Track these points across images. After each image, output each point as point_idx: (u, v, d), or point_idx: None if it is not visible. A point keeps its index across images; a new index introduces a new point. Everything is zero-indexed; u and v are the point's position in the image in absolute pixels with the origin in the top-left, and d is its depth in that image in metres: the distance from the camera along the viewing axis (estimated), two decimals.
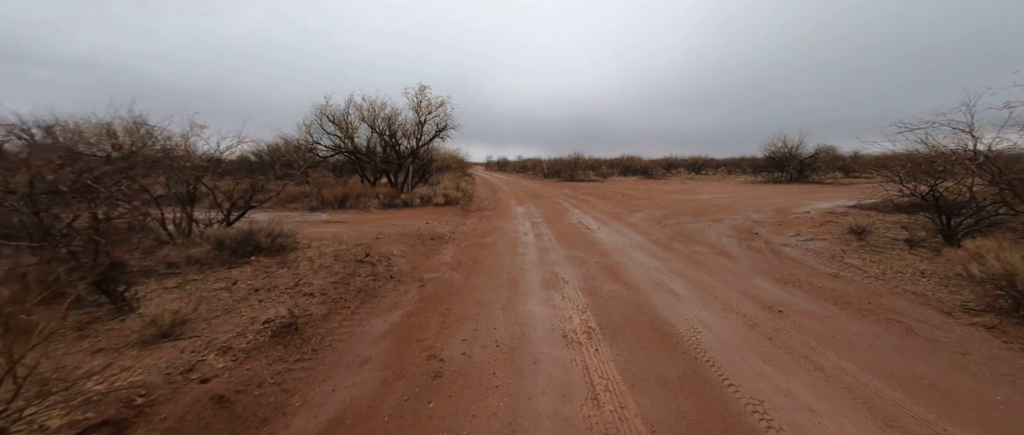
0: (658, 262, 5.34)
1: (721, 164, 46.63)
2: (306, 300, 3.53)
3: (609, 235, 7.34)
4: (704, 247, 6.21)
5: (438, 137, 14.11)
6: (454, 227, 8.40)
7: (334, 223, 8.73)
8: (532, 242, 6.84)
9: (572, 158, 34.01)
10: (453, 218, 9.68)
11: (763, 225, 8.02)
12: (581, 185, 23.24)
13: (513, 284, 4.50)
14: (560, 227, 8.33)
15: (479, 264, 5.41)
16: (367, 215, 10.02)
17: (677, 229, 7.86)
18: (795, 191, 16.67)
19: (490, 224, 8.89)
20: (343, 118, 12.90)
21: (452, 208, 11.39)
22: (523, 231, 7.93)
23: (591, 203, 13.02)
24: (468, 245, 6.66)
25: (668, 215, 9.78)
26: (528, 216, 10.10)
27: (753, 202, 12.30)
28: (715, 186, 20.97)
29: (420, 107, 13.31)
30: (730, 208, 10.86)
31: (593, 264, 5.28)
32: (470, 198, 15.33)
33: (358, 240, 6.46)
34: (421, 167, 15.58)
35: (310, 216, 9.99)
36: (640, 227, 8.18)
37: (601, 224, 8.63)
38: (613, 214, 10.22)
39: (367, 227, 8.05)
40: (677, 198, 14.14)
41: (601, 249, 6.18)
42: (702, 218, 9.13)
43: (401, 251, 5.81)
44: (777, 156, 22.51)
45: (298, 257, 4.98)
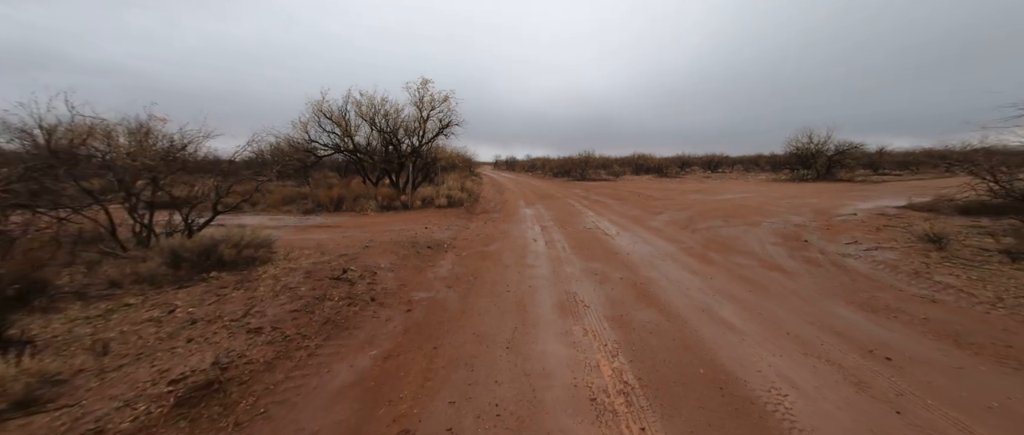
0: (698, 279, 4.39)
1: (737, 162, 44.97)
2: (248, 339, 2.70)
3: (631, 242, 6.40)
4: (749, 258, 5.23)
5: (442, 134, 13.31)
6: (455, 232, 7.55)
7: (325, 228, 7.97)
8: (543, 251, 5.94)
9: (582, 156, 32.98)
10: (455, 222, 8.84)
11: (809, 230, 6.98)
12: (593, 185, 22.22)
13: (520, 308, 3.62)
14: (574, 233, 7.41)
15: (480, 279, 4.54)
16: (363, 219, 9.24)
17: (709, 235, 6.87)
18: (827, 190, 15.41)
19: (496, 228, 8.02)
20: (342, 115, 12.19)
21: (455, 210, 10.55)
22: (532, 237, 7.04)
23: (606, 204, 12.05)
24: (469, 254, 5.80)
25: (694, 218, 8.78)
26: (537, 219, 9.21)
27: (786, 203, 11.18)
28: (736, 185, 19.75)
29: (422, 102, 12.52)
30: (762, 209, 9.79)
31: (618, 281, 4.36)
32: (475, 199, 14.49)
33: (344, 249, 5.65)
34: (425, 167, 14.81)
35: (303, 220, 9.27)
36: (666, 233, 7.21)
37: (620, 229, 7.68)
38: (632, 217, 9.25)
39: (359, 233, 7.26)
40: (699, 198, 13.07)
41: (625, 260, 5.25)
42: (734, 221, 8.11)
43: (390, 263, 4.98)
44: (803, 153, 21.13)
45: (264, 273, 4.18)
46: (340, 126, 12.00)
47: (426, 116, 12.84)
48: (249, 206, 12.02)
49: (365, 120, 12.04)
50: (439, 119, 12.91)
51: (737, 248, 5.83)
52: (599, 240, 6.66)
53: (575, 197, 14.59)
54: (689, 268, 4.82)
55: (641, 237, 6.83)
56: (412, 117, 12.81)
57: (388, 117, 12.21)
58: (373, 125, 12.19)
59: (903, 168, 30.22)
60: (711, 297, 3.80)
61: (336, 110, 12.07)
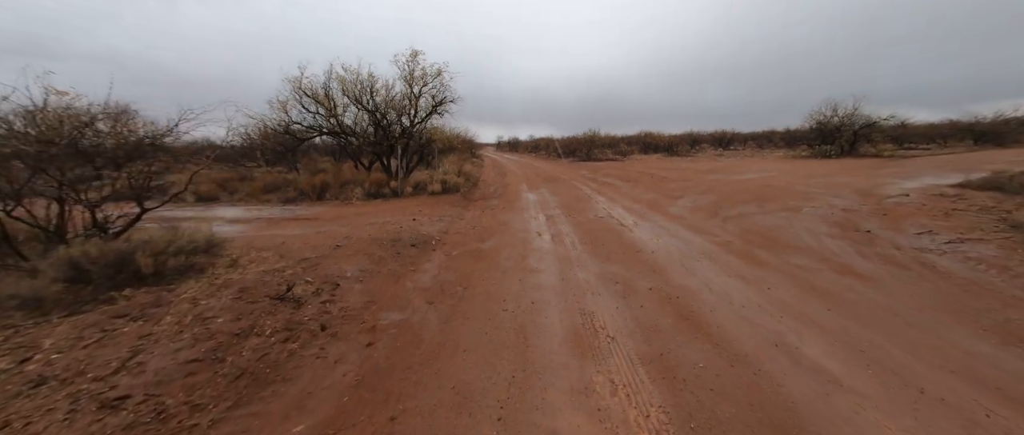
0: (752, 290, 3.38)
1: (749, 138, 43.23)
2: (95, 422, 1.75)
3: (654, 235, 5.37)
4: (807, 257, 4.19)
5: (436, 113, 12.12)
6: (447, 224, 6.55)
7: (300, 221, 7.00)
8: (548, 248, 4.94)
9: (587, 136, 31.52)
10: (449, 210, 7.83)
11: (862, 216, 5.89)
12: (600, 165, 21.00)
13: (520, 341, 2.65)
14: (584, 222, 6.38)
15: (471, 291, 3.57)
16: (345, 209, 8.26)
17: (746, 225, 5.81)
18: (856, 167, 14.14)
19: (494, 218, 7.01)
20: (325, 93, 11.01)
21: (450, 197, 9.52)
22: (536, 229, 6.03)
23: (617, 187, 10.95)
24: (461, 254, 4.81)
25: (720, 202, 7.69)
26: (542, 206, 8.17)
27: (818, 182, 10.02)
28: (754, 163, 18.45)
29: (412, 77, 11.29)
30: (795, 191, 8.67)
31: (646, 293, 3.37)
32: (474, 183, 13.42)
33: (311, 250, 4.69)
34: (419, 149, 13.69)
35: (279, 211, 8.31)
36: (692, 222, 6.16)
37: (637, 217, 6.64)
38: (648, 202, 8.18)
39: (336, 227, 6.29)
40: (719, 179, 11.91)
41: (650, 262, 4.24)
42: (769, 206, 7.02)
43: (360, 270, 4.01)
44: (825, 127, 19.64)
45: (185, 292, 3.22)
46: (323, 105, 10.86)
47: (417, 93, 11.64)
48: (227, 195, 11.10)
49: (349, 97, 10.88)
50: (432, 96, 11.71)
51: (786, 242, 4.78)
52: (614, 232, 5.64)
53: (582, 180, 13.48)
54: (735, 272, 3.80)
55: (664, 228, 5.79)
56: (402, 94, 11.62)
57: (375, 94, 11.03)
58: (358, 103, 11.02)
59: (928, 141, 28.56)
60: (780, 320, 2.80)
61: (318, 87, 10.91)
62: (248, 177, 13.53)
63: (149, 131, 5.70)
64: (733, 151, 31.83)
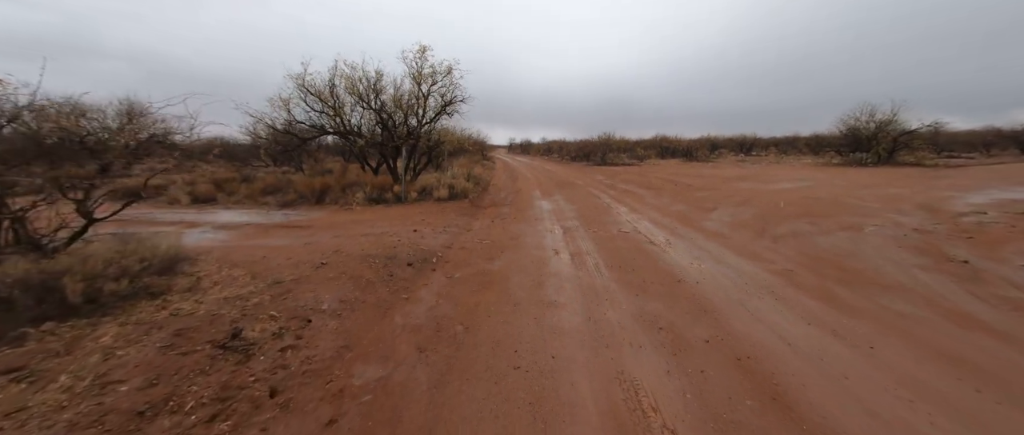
0: (848, 349, 2.52)
1: (770, 143, 41.62)
2: None
3: (693, 258, 4.52)
4: (904, 299, 3.29)
5: (445, 113, 11.45)
6: (452, 237, 5.82)
7: (291, 229, 6.37)
8: (568, 272, 4.15)
9: (602, 139, 30.56)
10: (455, 220, 7.10)
11: (943, 239, 4.93)
12: (616, 170, 20.07)
13: (536, 428, 1.88)
14: (607, 239, 5.57)
15: (474, 335, 2.81)
16: (343, 215, 7.61)
17: (803, 247, 4.90)
18: (902, 177, 12.93)
19: (504, 231, 6.25)
20: (330, 90, 10.45)
21: (457, 204, 8.80)
22: (552, 246, 5.24)
23: (638, 195, 10.08)
24: (465, 277, 4.06)
25: (762, 217, 6.77)
26: (557, 216, 7.38)
27: (867, 194, 8.97)
28: (783, 170, 17.28)
29: (420, 75, 10.64)
30: (844, 204, 7.68)
31: (703, 349, 2.55)
32: (484, 188, 12.71)
33: (289, 269, 4.00)
34: (428, 151, 13.05)
35: (273, 216, 7.71)
36: (736, 242, 5.28)
37: (669, 234, 5.78)
38: (677, 215, 7.31)
39: (328, 237, 5.62)
40: (751, 188, 10.92)
41: (697, 296, 3.41)
42: (822, 223, 6.08)
43: (340, 300, 3.29)
44: (863, 133, 18.28)
45: (107, 332, 2.53)
46: (326, 103, 10.29)
47: (426, 92, 10.99)
48: (226, 196, 10.62)
49: (352, 96, 10.28)
50: (441, 95, 11.04)
51: (867, 275, 3.88)
52: (644, 253, 4.81)
53: (599, 186, 12.62)
54: (816, 319, 2.95)
55: (704, 249, 4.93)
56: (410, 92, 10.98)
57: (380, 92, 10.41)
58: (363, 102, 10.42)
59: (970, 150, 26.72)
60: (912, 407, 1.96)
61: (321, 85, 10.35)
62: (250, 177, 13.10)
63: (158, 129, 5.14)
64: (755, 157, 30.42)
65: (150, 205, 8.95)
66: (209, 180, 12.06)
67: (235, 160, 20.32)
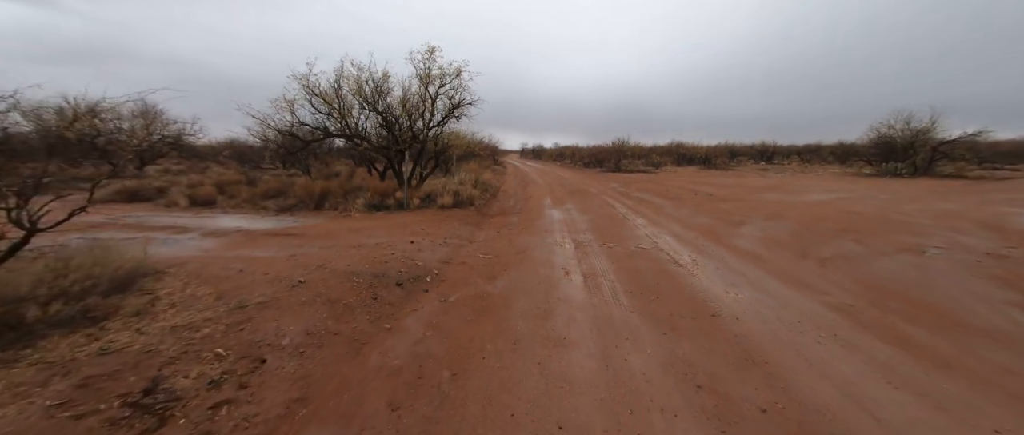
0: (960, 428, 1.87)
1: (793, 152, 40.16)
2: None
3: (727, 283, 3.87)
4: (1007, 348, 2.59)
5: (453, 116, 11.01)
6: (452, 250, 5.28)
7: (282, 237, 5.94)
8: (581, 298, 3.55)
9: (616, 145, 29.81)
10: (458, 230, 6.57)
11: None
12: (631, 177, 19.34)
13: None
14: (624, 256, 4.94)
15: (462, 386, 2.25)
16: (340, 223, 7.17)
17: (858, 274, 4.19)
18: (946, 189, 11.89)
19: (510, 244, 5.69)
20: (335, 92, 10.12)
21: (462, 213, 8.29)
22: (562, 263, 4.65)
23: (656, 205, 9.39)
24: (460, 301, 3.51)
25: (799, 234, 6.04)
26: (569, 228, 6.78)
27: (913, 209, 8.10)
28: (811, 180, 16.28)
29: (428, 76, 10.23)
30: (890, 220, 6.86)
31: (758, 423, 1.93)
32: (493, 195, 12.20)
33: (263, 287, 3.52)
34: (435, 155, 12.63)
35: (268, 222, 7.33)
36: (774, 262, 4.60)
37: (695, 252, 5.13)
38: (702, 229, 6.62)
39: (317, 248, 5.15)
40: (779, 199, 10.11)
41: (739, 336, 2.78)
42: (872, 242, 5.33)
43: (307, 332, 2.77)
44: (898, 141, 17.12)
45: None
46: (330, 104, 9.95)
47: (434, 94, 10.57)
48: (227, 199, 10.36)
49: (357, 98, 9.92)
50: (449, 97, 10.61)
51: (944, 312, 3.17)
52: (669, 275, 4.18)
53: (613, 194, 11.96)
54: (899, 377, 2.28)
55: (738, 272, 4.27)
56: (418, 95, 10.58)
57: (386, 94, 10.03)
58: (370, 104, 10.05)
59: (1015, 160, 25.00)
60: None
61: (326, 85, 10.03)
62: (255, 180, 12.90)
63: (171, 130, 4.78)
64: (777, 165, 29.18)
65: (148, 208, 8.71)
66: (213, 182, 11.88)
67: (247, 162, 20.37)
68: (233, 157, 18.82)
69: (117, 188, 9.84)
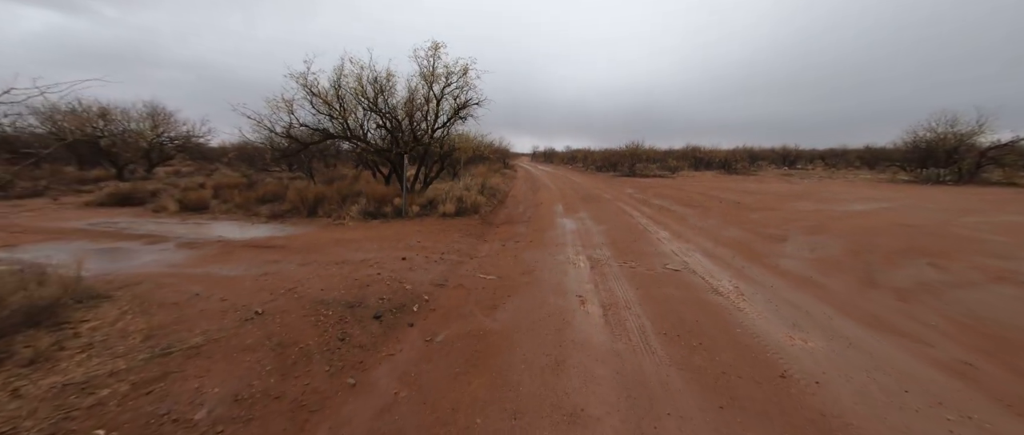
0: None
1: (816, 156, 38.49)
2: None
3: (788, 326, 3.06)
4: None
5: (458, 117, 10.36)
6: (449, 268, 4.58)
7: (259, 250, 5.33)
8: (600, 343, 2.80)
9: (630, 148, 28.85)
10: (458, 242, 5.88)
11: None
12: (647, 182, 18.42)
13: None
14: (650, 280, 4.16)
15: None
16: (331, 232, 6.54)
17: (950, 309, 3.32)
18: (1002, 199, 10.70)
19: (516, 260, 4.96)
20: (335, 92, 9.58)
21: (466, 221, 7.59)
22: (576, 289, 3.90)
23: (678, 215, 8.55)
24: (450, 340, 2.80)
25: (855, 253, 5.15)
26: (583, 241, 6.01)
27: (975, 223, 7.08)
28: (843, 187, 15.12)
29: (433, 74, 9.62)
30: (956, 237, 5.91)
31: None
32: (500, 201, 11.50)
33: (212, 319, 2.87)
34: (440, 158, 12.00)
35: (254, 230, 6.77)
36: (836, 292, 3.75)
37: (734, 275, 4.31)
38: (735, 244, 5.78)
39: (294, 265, 4.51)
40: (815, 209, 9.14)
41: (825, 415, 1.99)
42: (949, 267, 4.42)
43: (234, 398, 2.08)
44: (940, 146, 15.81)
45: None
46: (329, 105, 9.41)
47: (440, 93, 9.95)
48: (220, 204, 9.90)
49: (360, 98, 9.36)
50: (454, 97, 9.97)
51: None
52: (709, 309, 3.38)
53: (630, 201, 11.12)
54: None
55: (796, 305, 3.45)
56: (422, 95, 9.97)
57: (387, 94, 9.45)
58: (371, 105, 9.48)
59: None
60: None
61: (328, 85, 9.50)
62: (255, 183, 12.49)
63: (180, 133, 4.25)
64: (801, 170, 27.76)
65: (135, 214, 8.26)
66: (213, 186, 11.49)
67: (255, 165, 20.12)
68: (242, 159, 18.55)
69: (110, 191, 9.47)
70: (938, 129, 16.28)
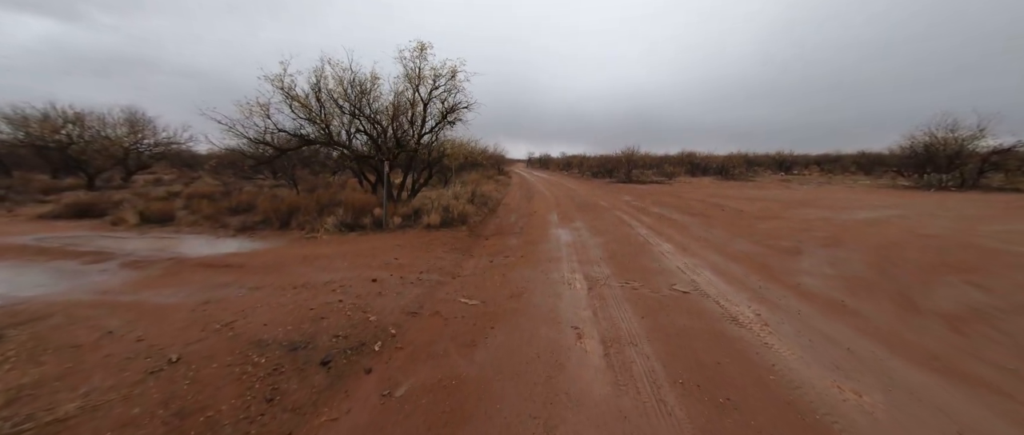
0: None
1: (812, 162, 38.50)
2: None
3: (834, 372, 2.50)
4: None
5: (447, 122, 9.82)
6: (425, 292, 3.98)
7: (213, 269, 4.70)
8: (602, 397, 2.22)
9: (626, 154, 28.49)
10: (441, 259, 5.28)
11: None
12: (644, 189, 17.95)
13: None
14: (656, 306, 3.59)
15: None
16: (300, 248, 5.92)
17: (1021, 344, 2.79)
18: (1013, 205, 10.31)
19: (505, 281, 4.37)
20: (314, 94, 9.01)
21: (452, 233, 7.00)
22: (571, 319, 3.31)
23: (680, 225, 8.02)
24: (415, 393, 2.20)
25: (884, 270, 4.63)
26: (579, 256, 5.44)
27: (996, 232, 6.61)
28: (845, 193, 14.73)
29: (420, 76, 9.09)
30: (985, 249, 5.41)
31: None
32: (492, 209, 10.91)
33: (101, 374, 2.25)
34: (428, 165, 11.43)
35: (219, 244, 6.13)
36: (875, 322, 3.20)
37: (753, 298, 3.75)
38: (747, 260, 5.24)
39: (245, 290, 3.88)
40: (823, 217, 8.66)
41: None
42: (993, 285, 3.90)
43: None
44: (941, 151, 15.51)
45: None
46: (307, 109, 8.83)
47: (427, 96, 9.42)
48: (190, 214, 9.24)
49: (342, 102, 8.80)
50: (442, 100, 9.44)
51: None
52: (731, 347, 2.81)
53: (628, 209, 10.60)
54: None
55: (833, 340, 2.89)
56: (405, 98, 9.43)
57: (369, 97, 8.90)
58: (350, 108, 8.91)
59: None
60: None
61: (307, 87, 8.93)
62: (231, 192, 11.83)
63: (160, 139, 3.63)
64: (798, 176, 27.51)
65: (91, 227, 7.58)
66: (186, 195, 10.82)
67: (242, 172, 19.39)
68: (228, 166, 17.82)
69: (69, 202, 8.78)
70: (938, 134, 16.01)
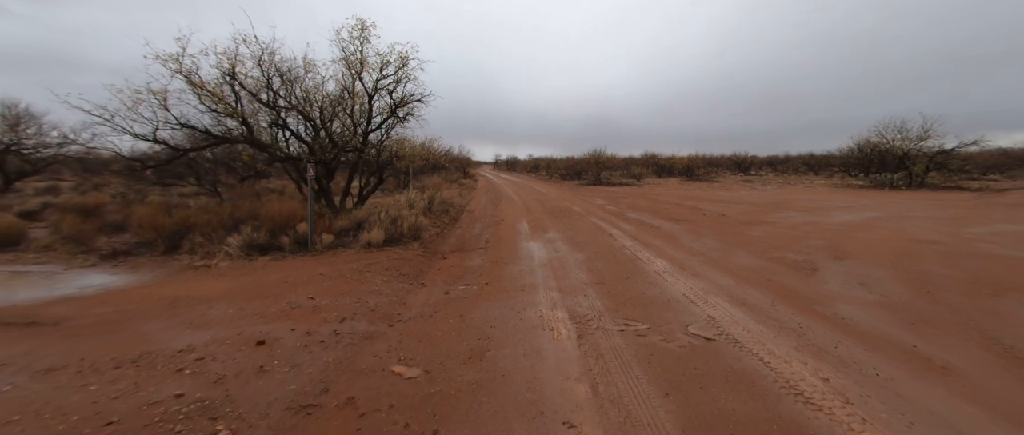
0: None
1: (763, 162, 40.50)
2: None
3: None
4: None
5: (396, 117, 8.39)
6: (340, 358, 2.62)
7: (15, 328, 3.05)
8: None
9: (594, 155, 28.13)
10: (379, 293, 3.91)
11: None
12: (615, 191, 17.33)
13: None
14: (679, 367, 2.48)
15: None
16: (174, 285, 4.30)
17: None
18: (974, 204, 10.51)
19: (461, 328, 3.09)
20: (228, 81, 7.24)
21: (400, 253, 5.60)
22: (560, 402, 2.11)
23: (664, 233, 7.13)
24: None
25: (927, 293, 3.85)
26: (560, 280, 4.27)
27: (981, 233, 6.28)
28: (810, 193, 14.82)
29: (362, 61, 7.60)
30: (985, 254, 4.90)
31: None
32: (454, 218, 9.57)
33: None
34: (378, 168, 9.87)
35: (64, 277, 4.36)
36: (1002, 397, 2.28)
37: (803, 350, 2.75)
38: (761, 281, 4.33)
39: (22, 379, 2.33)
40: (809, 222, 8.15)
41: None
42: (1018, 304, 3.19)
43: None
44: (892, 151, 16.14)
45: None
46: (218, 99, 7.06)
47: (372, 88, 7.94)
48: (50, 235, 7.12)
49: (253, 93, 7.12)
50: (389, 91, 8.01)
51: None
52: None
53: (603, 214, 9.66)
54: None
55: (955, 429, 1.91)
56: (343, 87, 7.90)
57: (295, 84, 7.30)
58: (269, 101, 7.26)
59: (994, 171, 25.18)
60: None
61: (218, 73, 7.15)
62: (131, 202, 9.64)
63: None
64: (758, 176, 28.41)
65: None
66: (74, 205, 8.56)
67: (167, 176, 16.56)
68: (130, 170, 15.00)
69: None
70: (888, 135, 16.69)
